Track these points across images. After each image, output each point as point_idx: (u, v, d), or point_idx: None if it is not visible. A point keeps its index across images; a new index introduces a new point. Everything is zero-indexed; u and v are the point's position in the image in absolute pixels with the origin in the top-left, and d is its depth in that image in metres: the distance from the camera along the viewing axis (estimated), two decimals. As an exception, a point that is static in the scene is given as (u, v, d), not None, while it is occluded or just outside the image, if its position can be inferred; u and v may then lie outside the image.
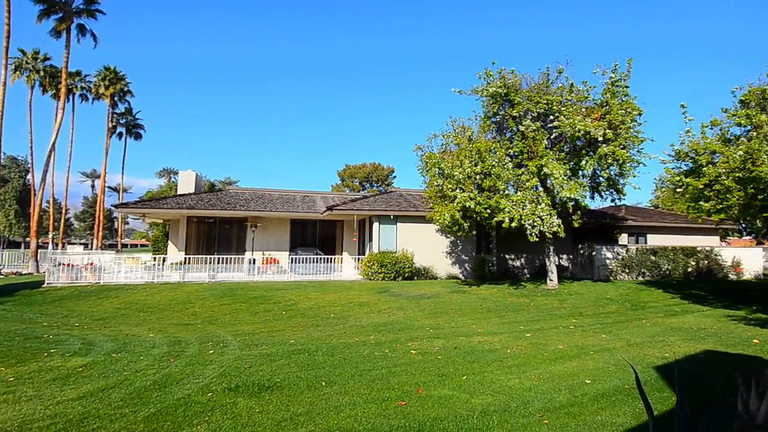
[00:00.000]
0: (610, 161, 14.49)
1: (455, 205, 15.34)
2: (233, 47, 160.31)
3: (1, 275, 22.91)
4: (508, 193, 15.36)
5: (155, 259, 17.71)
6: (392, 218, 19.17)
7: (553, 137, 15.53)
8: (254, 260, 19.39)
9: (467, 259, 19.70)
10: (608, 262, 19.44)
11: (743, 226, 24.56)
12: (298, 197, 25.24)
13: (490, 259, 19.37)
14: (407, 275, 18.11)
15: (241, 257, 19.83)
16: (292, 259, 19.65)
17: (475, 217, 15.82)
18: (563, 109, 14.69)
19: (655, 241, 23.14)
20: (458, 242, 19.68)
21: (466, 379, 5.90)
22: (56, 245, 42.98)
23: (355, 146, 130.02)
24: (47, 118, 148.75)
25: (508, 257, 21.28)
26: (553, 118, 14.85)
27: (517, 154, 15.76)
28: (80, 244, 62.10)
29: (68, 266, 17.07)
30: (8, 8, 22.00)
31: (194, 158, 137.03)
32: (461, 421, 4.45)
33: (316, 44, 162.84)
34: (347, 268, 21.18)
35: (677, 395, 1.89)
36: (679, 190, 13.01)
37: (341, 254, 22.61)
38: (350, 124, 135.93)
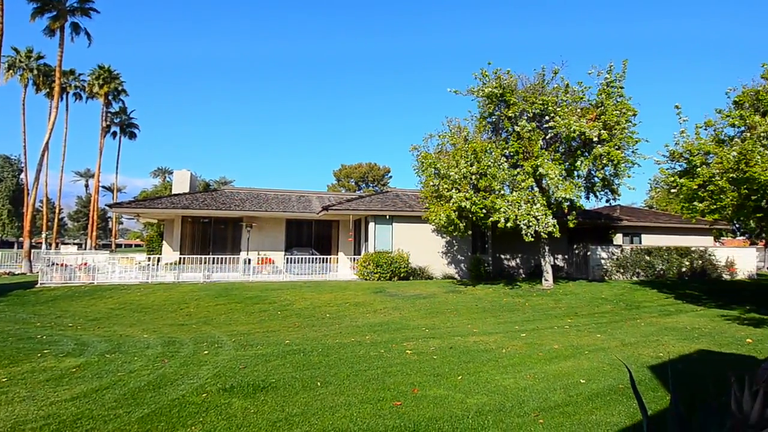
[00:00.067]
0: (605, 162, 14.56)
1: (451, 205, 15.37)
2: (228, 47, 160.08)
3: (-7, 275, 22.74)
4: (503, 193, 15.40)
5: (150, 259, 17.62)
6: (388, 218, 19.17)
7: (548, 138, 15.61)
8: (249, 260, 19.33)
9: (463, 259, 19.73)
10: (603, 262, 19.53)
11: (737, 226, 24.69)
12: (293, 197, 25.20)
13: (485, 259, 19.40)
14: (403, 275, 18.12)
15: (236, 257, 19.78)
16: (287, 259, 19.61)
17: (470, 217, 15.85)
18: (558, 109, 14.74)
19: (649, 241, 23.25)
20: (454, 242, 19.71)
21: (461, 379, 5.90)
22: (50, 245, 42.71)
23: (351, 146, 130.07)
24: (41, 117, 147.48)
25: (503, 257, 21.33)
26: (548, 118, 14.90)
27: (512, 154, 15.80)
28: (74, 244, 61.78)
29: (62, 266, 16.95)
30: (1, 7, 21.83)
31: (189, 158, 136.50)
32: (456, 421, 4.46)
33: (312, 44, 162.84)
34: (343, 268, 21.16)
35: (671, 395, 1.90)
36: (673, 190, 13.08)
37: (337, 254, 22.59)
38: (346, 123, 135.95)
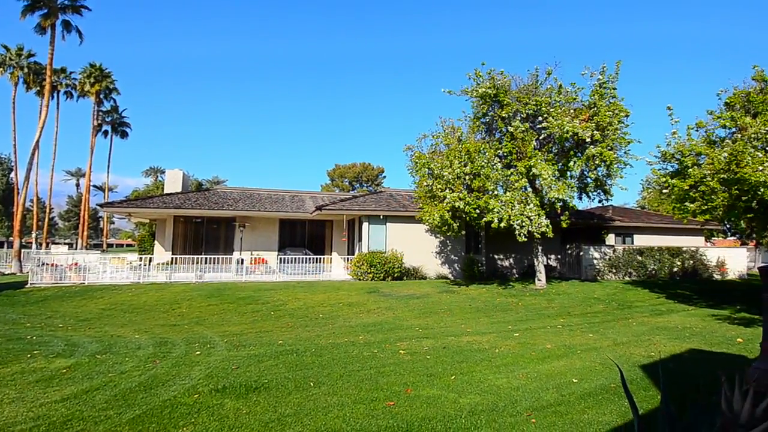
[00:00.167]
0: (597, 162, 14.65)
1: (445, 205, 15.39)
2: (222, 46, 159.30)
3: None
4: (497, 193, 15.46)
5: (141, 259, 17.49)
6: (382, 218, 19.16)
7: (541, 138, 15.67)
8: (242, 260, 19.25)
9: (456, 259, 19.76)
10: (596, 262, 19.64)
11: (728, 226, 24.96)
12: (287, 197, 25.12)
13: (479, 259, 19.45)
14: (397, 275, 18.11)
15: (229, 257, 19.69)
16: (280, 259, 19.54)
17: (464, 217, 15.88)
18: (552, 110, 14.81)
19: (641, 241, 23.43)
20: (447, 242, 19.74)
21: (454, 378, 5.91)
22: (40, 245, 42.30)
23: (345, 146, 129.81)
24: (31, 115, 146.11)
25: (497, 257, 21.39)
26: (541, 119, 14.96)
27: (506, 154, 15.85)
28: (65, 243, 61.17)
29: (52, 266, 16.79)
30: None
31: (181, 157, 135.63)
32: (449, 420, 4.46)
33: (306, 44, 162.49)
34: (336, 268, 21.12)
35: (662, 394, 1.91)
36: (665, 191, 13.19)
37: (330, 254, 22.53)
38: (340, 123, 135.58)
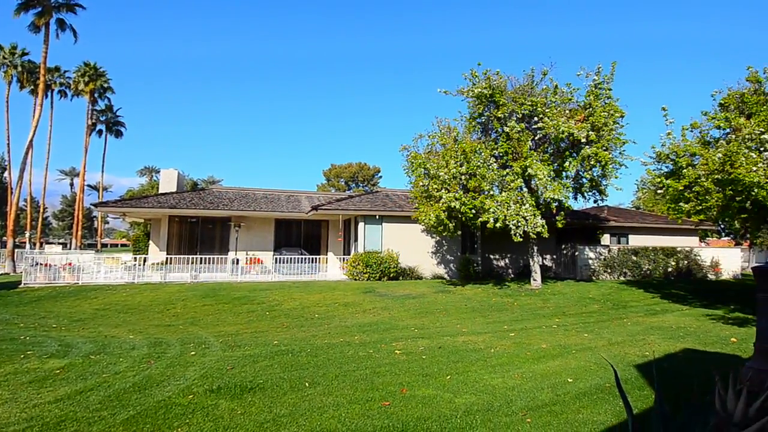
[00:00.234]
0: (592, 162, 14.69)
1: (440, 205, 15.40)
2: (217, 46, 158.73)
3: (-25, 275, 22.31)
4: (492, 193, 15.47)
5: (136, 259, 17.42)
6: (378, 218, 19.15)
7: (537, 138, 15.71)
8: (238, 260, 19.19)
9: (452, 259, 19.78)
10: (591, 262, 19.71)
11: (722, 227, 25.16)
12: (282, 197, 25.06)
13: (474, 259, 19.47)
14: (392, 275, 18.11)
15: (224, 257, 19.62)
16: (276, 259, 19.50)
17: (460, 217, 15.90)
18: (547, 110, 14.85)
19: (636, 241, 23.52)
20: (443, 242, 19.75)
21: (450, 378, 5.91)
22: (34, 245, 42.04)
23: (341, 146, 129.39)
24: (25, 114, 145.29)
25: (492, 257, 21.42)
26: (537, 119, 15.00)
27: (501, 154, 15.87)
28: (58, 243, 60.78)
29: (46, 266, 16.68)
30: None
31: (176, 157, 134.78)
32: (445, 420, 4.45)
33: (303, 44, 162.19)
34: (332, 268, 21.09)
35: (656, 393, 1.91)
36: (659, 191, 13.26)
37: (326, 254, 22.50)
38: (336, 123, 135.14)
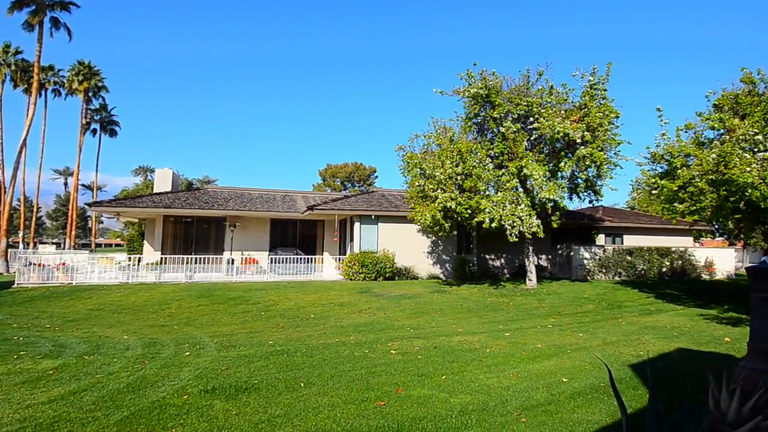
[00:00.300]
0: (588, 163, 14.74)
1: (436, 205, 15.40)
2: (213, 46, 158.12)
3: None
4: (488, 193, 15.49)
5: (130, 259, 17.31)
6: (373, 218, 19.14)
7: (533, 139, 15.74)
8: (233, 260, 19.13)
9: (448, 259, 19.79)
10: (586, 262, 19.78)
11: (716, 227, 25.30)
12: (278, 196, 24.99)
13: (470, 259, 19.50)
14: (388, 275, 18.10)
15: (219, 257, 19.55)
16: (271, 259, 19.45)
17: (455, 217, 15.91)
18: (543, 111, 14.88)
19: (631, 241, 23.62)
20: (439, 242, 19.76)
21: (445, 378, 5.91)
22: (27, 244, 41.75)
23: (337, 146, 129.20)
24: (18, 113, 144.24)
25: (488, 257, 21.46)
26: (533, 119, 15.03)
27: (497, 155, 15.90)
28: (52, 243, 60.43)
29: (39, 266, 16.57)
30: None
31: (171, 156, 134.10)
32: (440, 420, 4.45)
33: (297, 44, 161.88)
34: (328, 268, 21.06)
35: (650, 393, 1.91)
36: (654, 191, 13.32)
37: (322, 254, 22.46)
38: (332, 123, 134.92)
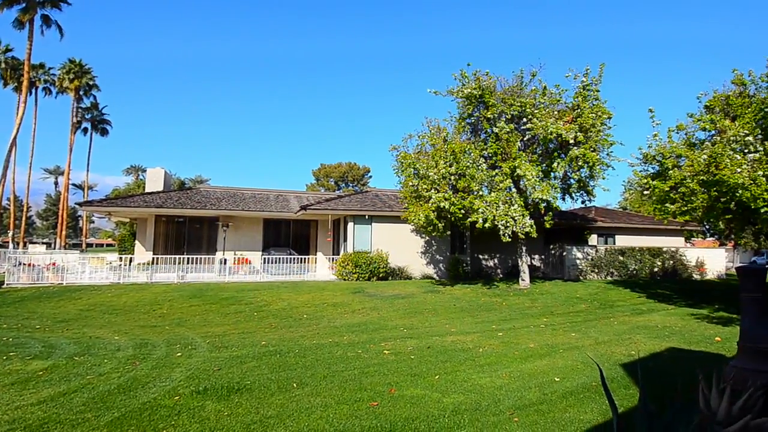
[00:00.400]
0: (580, 163, 14.82)
1: (430, 205, 15.42)
2: (206, 45, 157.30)
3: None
4: (482, 193, 15.52)
5: (122, 259, 17.17)
6: (367, 218, 19.12)
7: (526, 139, 15.81)
8: (225, 260, 19.03)
9: (441, 259, 19.82)
10: (578, 262, 19.89)
11: (707, 227, 25.51)
12: (271, 196, 24.90)
13: (464, 259, 19.53)
14: (382, 275, 18.10)
15: (211, 257, 19.44)
16: (264, 259, 19.37)
17: (449, 217, 15.94)
18: (536, 111, 14.95)
19: (623, 241, 23.78)
20: (433, 242, 19.78)
21: (438, 378, 5.91)
22: (17, 244, 41.29)
23: (330, 146, 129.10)
24: (8, 112, 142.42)
25: (481, 257, 21.51)
26: (526, 120, 15.09)
27: (491, 155, 15.94)
28: (42, 243, 59.82)
29: (29, 266, 16.39)
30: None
31: (163, 155, 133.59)
32: (432, 420, 4.45)
33: (291, 44, 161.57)
34: (321, 268, 21.01)
35: (640, 392, 1.92)
36: (646, 192, 13.41)
37: (315, 254, 22.42)
38: (326, 123, 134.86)
